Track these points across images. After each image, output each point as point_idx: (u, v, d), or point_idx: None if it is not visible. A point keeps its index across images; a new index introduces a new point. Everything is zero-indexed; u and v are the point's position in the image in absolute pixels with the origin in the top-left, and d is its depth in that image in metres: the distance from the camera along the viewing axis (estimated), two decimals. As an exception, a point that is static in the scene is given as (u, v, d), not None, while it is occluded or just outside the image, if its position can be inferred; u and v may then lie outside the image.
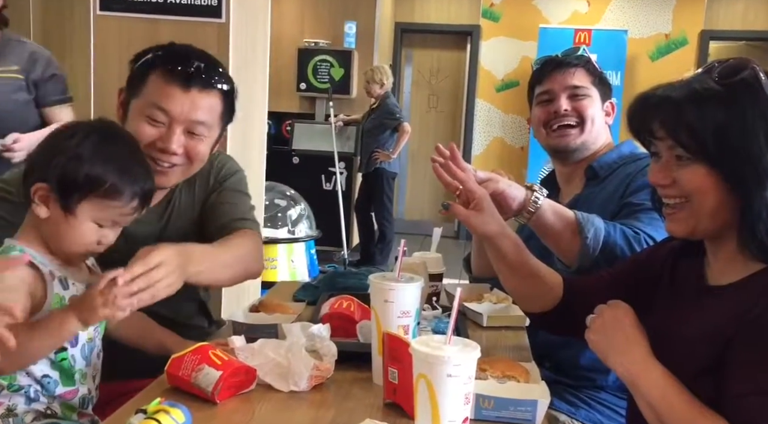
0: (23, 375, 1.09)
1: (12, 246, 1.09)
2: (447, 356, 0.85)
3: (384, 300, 1.10)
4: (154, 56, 1.30)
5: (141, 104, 1.29)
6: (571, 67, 1.54)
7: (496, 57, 6.79)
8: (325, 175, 5.64)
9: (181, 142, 1.28)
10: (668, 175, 0.98)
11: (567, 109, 1.52)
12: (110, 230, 1.11)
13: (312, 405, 1.04)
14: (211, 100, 1.30)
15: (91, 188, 1.05)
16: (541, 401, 1.00)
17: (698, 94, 0.94)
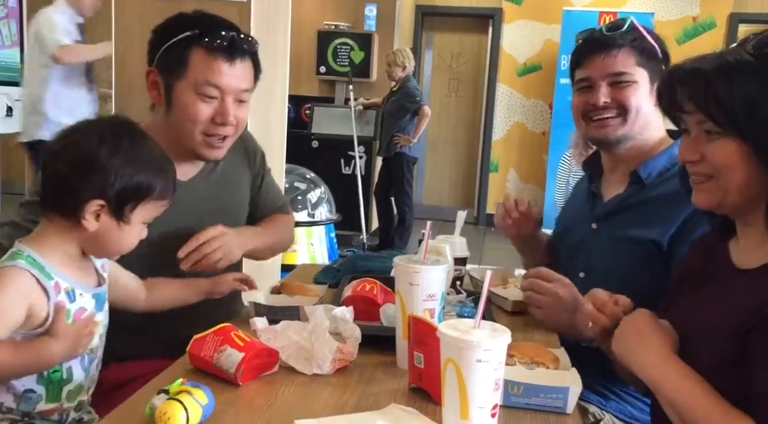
0: (4, 391, 1.04)
1: (19, 252, 1.04)
2: (477, 340, 0.82)
3: (409, 283, 1.07)
4: (190, 34, 1.32)
5: (190, 84, 1.33)
6: (614, 49, 1.36)
7: (518, 41, 6.69)
8: (344, 159, 5.61)
9: (234, 113, 1.37)
10: (697, 150, 0.95)
11: (607, 102, 1.37)
12: (145, 226, 1.13)
13: (336, 389, 1.02)
14: (248, 67, 1.38)
15: (146, 195, 1.08)
16: (572, 388, 0.97)
17: (730, 65, 0.91)
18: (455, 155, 7.23)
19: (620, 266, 1.35)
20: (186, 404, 0.84)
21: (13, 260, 1.02)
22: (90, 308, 1.09)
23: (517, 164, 6.90)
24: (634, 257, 1.33)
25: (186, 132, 1.35)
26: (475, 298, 1.45)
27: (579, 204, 1.55)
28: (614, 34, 1.37)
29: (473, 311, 1.36)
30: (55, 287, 1.04)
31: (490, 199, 6.95)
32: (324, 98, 6.10)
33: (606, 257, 1.39)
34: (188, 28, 1.33)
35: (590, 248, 1.44)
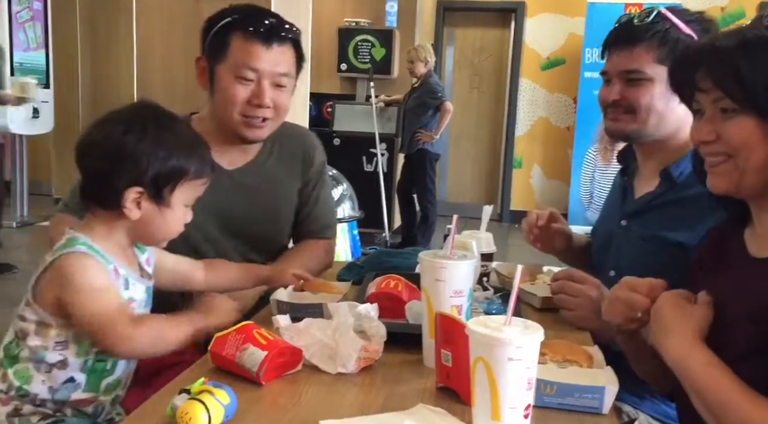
0: (40, 382, 1.06)
1: (75, 239, 1.06)
2: (508, 338, 0.78)
3: (435, 279, 1.03)
4: (231, 20, 1.42)
5: (229, 67, 1.41)
6: (632, 44, 1.29)
7: (542, 34, 6.60)
8: (366, 156, 5.59)
9: (271, 96, 1.41)
10: (712, 130, 0.92)
11: (616, 99, 1.32)
12: (190, 211, 1.14)
13: (361, 389, 0.99)
14: (288, 52, 1.44)
15: (182, 176, 1.08)
16: (608, 388, 0.92)
17: (749, 41, 0.88)
18: (478, 151, 7.17)
19: (650, 267, 1.27)
20: (208, 405, 0.82)
21: (72, 247, 1.05)
22: (140, 299, 1.12)
23: (541, 160, 6.82)
24: (663, 259, 1.27)
25: (226, 114, 1.43)
26: (502, 295, 1.41)
27: (611, 200, 1.50)
28: (641, 26, 1.30)
29: (501, 308, 1.33)
30: (114, 272, 1.07)
31: (513, 195, 6.87)
32: (345, 96, 6.08)
33: (635, 257, 1.33)
34: (232, 16, 1.42)
35: (620, 246, 1.38)
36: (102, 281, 1.04)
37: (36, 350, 1.05)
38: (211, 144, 1.42)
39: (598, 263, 1.44)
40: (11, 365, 1.07)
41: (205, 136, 1.41)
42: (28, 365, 1.06)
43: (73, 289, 1.02)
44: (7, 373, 1.07)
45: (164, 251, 1.22)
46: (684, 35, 1.28)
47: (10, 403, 1.07)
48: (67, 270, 1.03)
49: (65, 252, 1.04)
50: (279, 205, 1.56)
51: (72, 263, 1.03)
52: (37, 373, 1.06)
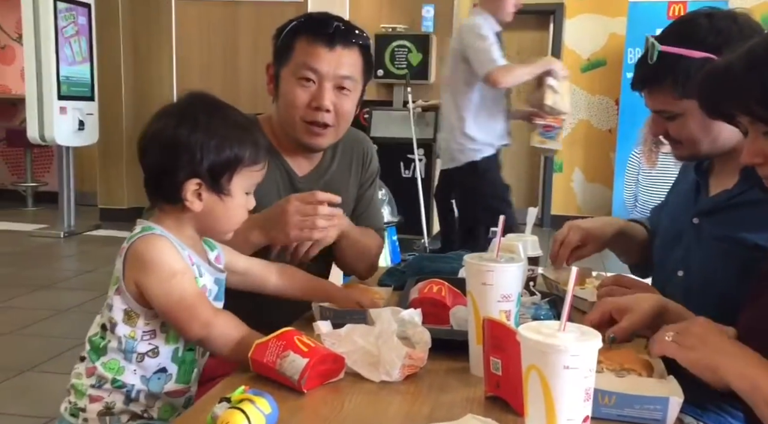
0: (132, 372, 1.07)
1: (151, 226, 1.08)
2: (563, 344, 0.73)
3: (482, 283, 0.99)
4: (297, 24, 1.41)
5: (291, 69, 1.39)
6: (650, 88, 1.22)
7: (582, 35, 6.48)
8: (404, 162, 5.55)
9: (332, 99, 1.38)
10: (759, 152, 0.87)
11: (660, 134, 1.26)
12: (251, 196, 1.14)
13: (406, 398, 0.95)
14: (354, 56, 1.40)
15: (238, 163, 1.08)
16: (673, 399, 0.86)
17: (758, 57, 0.83)
18: (518, 156, 7.06)
19: (723, 270, 1.20)
20: (248, 413, 0.79)
21: (149, 231, 1.07)
22: (210, 288, 1.12)
23: (583, 163, 6.68)
24: (738, 261, 1.17)
25: (288, 119, 1.41)
26: (550, 300, 1.35)
27: (682, 194, 1.39)
28: (645, 72, 1.21)
29: (549, 314, 1.27)
30: (188, 258, 1.08)
31: (554, 200, 6.75)
32: (382, 102, 6.06)
33: (707, 258, 1.24)
34: (299, 21, 1.41)
35: (690, 245, 1.28)
36: (180, 264, 1.05)
37: (125, 340, 1.06)
38: (281, 149, 1.47)
39: (661, 261, 1.36)
40: (98, 358, 1.08)
41: (274, 142, 1.45)
42: (116, 356, 1.07)
43: (151, 272, 1.03)
44: (95, 366, 1.08)
45: (237, 253, 1.24)
46: (697, 61, 1.15)
47: (101, 400, 1.07)
48: (144, 252, 1.05)
49: (141, 235, 1.06)
50: (343, 210, 1.51)
51: (150, 244, 1.05)
52: (129, 363, 1.07)
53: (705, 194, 1.30)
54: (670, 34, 1.22)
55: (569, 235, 1.45)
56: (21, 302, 3.81)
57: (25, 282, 4.27)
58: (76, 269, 4.82)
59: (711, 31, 1.17)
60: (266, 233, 1.30)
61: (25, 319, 3.46)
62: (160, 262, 1.04)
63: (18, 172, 7.32)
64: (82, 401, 1.08)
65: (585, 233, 1.44)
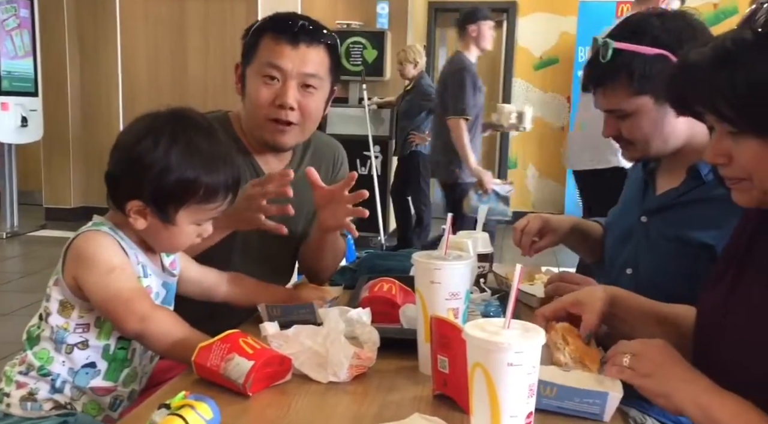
0: (60, 363, 1.05)
1: (102, 223, 1.06)
2: (507, 342, 0.74)
3: (430, 281, 0.99)
4: (261, 23, 1.40)
5: (255, 67, 1.38)
6: (603, 86, 1.22)
7: (534, 34, 6.58)
8: (360, 159, 5.54)
9: (296, 97, 1.36)
10: (723, 152, 0.85)
11: (611, 134, 1.26)
12: (207, 223, 1.10)
13: (354, 398, 0.94)
14: (319, 54, 1.38)
15: (188, 197, 1.03)
16: (612, 394, 0.88)
17: (729, 52, 0.79)
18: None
19: (671, 268, 1.21)
20: (188, 420, 0.77)
21: (96, 227, 1.05)
22: (156, 291, 1.10)
23: (536, 160, 6.78)
24: (685, 260, 1.19)
25: (253, 117, 1.39)
26: (500, 296, 1.36)
27: (632, 192, 1.41)
28: (599, 69, 1.20)
29: (499, 310, 1.28)
30: (135, 257, 1.06)
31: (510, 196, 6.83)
32: (338, 98, 6.01)
33: (655, 256, 1.25)
34: (265, 20, 1.40)
35: (639, 243, 1.30)
36: (119, 259, 1.03)
37: (57, 330, 1.05)
38: (251, 148, 1.45)
39: (611, 258, 1.37)
40: (31, 347, 1.07)
41: (243, 139, 1.44)
42: (48, 346, 1.05)
43: (88, 266, 1.01)
44: (27, 355, 1.07)
45: (191, 260, 1.21)
46: (652, 58, 1.16)
47: (26, 386, 1.05)
48: (83, 247, 1.03)
49: (86, 231, 1.04)
50: (304, 213, 1.49)
51: (89, 240, 1.03)
52: (58, 354, 1.05)
53: (652, 192, 1.32)
54: (622, 32, 1.21)
55: (529, 223, 1.46)
56: (-39, 306, 3.66)
57: (-35, 285, 4.10)
58: (19, 271, 4.64)
59: (663, 29, 1.17)
60: (230, 218, 1.25)
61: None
62: (98, 257, 1.02)
63: (-43, 170, 7.03)
64: (9, 387, 1.07)
65: (544, 223, 1.46)
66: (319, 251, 1.47)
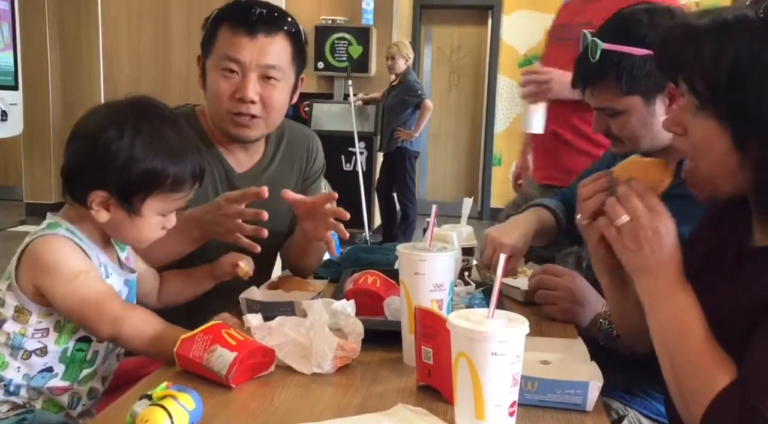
0: (15, 369, 1.01)
1: (57, 224, 1.01)
2: (491, 331, 0.74)
3: (414, 272, 0.98)
4: (218, 13, 1.34)
5: (214, 60, 1.32)
6: (592, 86, 1.22)
7: (519, 31, 6.60)
8: (345, 155, 5.53)
9: (256, 90, 1.30)
10: (681, 123, 0.85)
11: (599, 131, 1.27)
12: (171, 215, 1.07)
13: (337, 389, 0.93)
14: (279, 44, 1.32)
15: (154, 186, 1.00)
16: (593, 383, 0.88)
17: (725, 24, 0.78)
18: (457, 149, 7.15)
19: None
20: (170, 410, 0.76)
21: (52, 229, 1.00)
22: (120, 289, 1.07)
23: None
24: None
25: (215, 112, 1.35)
26: (484, 289, 1.36)
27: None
28: (588, 70, 1.21)
29: (483, 303, 1.28)
30: (95, 258, 1.03)
31: (493, 192, 6.86)
32: (323, 94, 6.01)
33: None
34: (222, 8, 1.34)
35: None
36: (82, 263, 1.00)
37: (13, 337, 1.01)
38: (218, 144, 1.40)
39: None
40: None
41: (210, 136, 1.39)
42: (3, 351, 1.02)
43: (51, 274, 0.98)
44: None
45: (140, 259, 1.17)
46: (640, 58, 1.16)
47: None
48: (42, 254, 0.98)
49: (42, 234, 1.00)
50: (282, 210, 1.45)
51: (48, 246, 0.99)
52: (13, 360, 1.02)
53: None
54: (611, 30, 1.20)
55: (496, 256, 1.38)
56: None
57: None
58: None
59: (651, 26, 1.16)
60: (205, 229, 1.24)
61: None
62: (60, 263, 0.98)
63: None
64: None
65: (510, 250, 1.37)
66: (303, 252, 1.45)
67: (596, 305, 1.23)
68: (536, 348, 1.02)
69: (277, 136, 1.49)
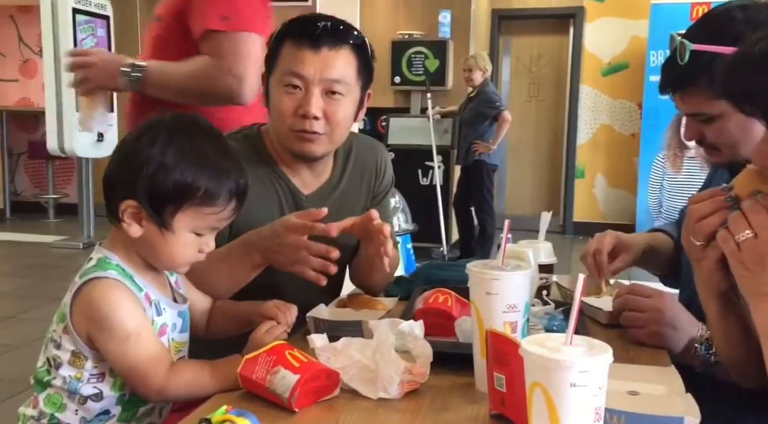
0: (72, 412, 1.00)
1: (108, 261, 0.99)
2: (569, 360, 0.67)
3: (486, 292, 0.92)
4: (282, 28, 1.31)
5: (278, 77, 1.29)
6: (682, 90, 1.14)
7: (602, 39, 6.37)
8: (422, 169, 5.49)
9: (320, 106, 1.26)
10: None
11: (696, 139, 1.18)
12: (210, 237, 1.02)
13: (405, 416, 0.88)
14: (344, 57, 1.28)
15: (186, 198, 0.96)
16: (688, 419, 0.79)
17: None
18: (537, 162, 6.96)
19: None
20: (228, 435, 0.73)
21: (104, 271, 0.97)
22: (172, 323, 1.04)
23: (605, 169, 6.55)
24: None
25: (279, 129, 1.31)
26: (564, 309, 1.27)
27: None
28: (677, 73, 1.12)
29: (563, 324, 1.19)
30: (146, 297, 1.00)
31: (576, 206, 6.62)
32: (399, 109, 6.02)
33: None
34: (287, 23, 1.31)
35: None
36: (135, 321, 0.96)
37: (69, 381, 0.99)
38: (283, 165, 1.36)
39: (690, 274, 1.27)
40: (42, 391, 1.02)
41: (275, 156, 1.35)
42: (61, 393, 1.01)
43: (103, 330, 0.95)
44: (38, 399, 1.02)
45: (191, 287, 1.13)
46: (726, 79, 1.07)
47: None
48: (97, 305, 0.95)
49: (95, 276, 0.97)
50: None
51: (101, 298, 0.96)
52: (71, 402, 1.00)
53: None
54: (701, 30, 1.12)
55: (600, 242, 1.34)
56: (38, 314, 3.81)
57: (43, 294, 4.28)
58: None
59: (747, 23, 1.07)
60: (267, 257, 1.19)
61: (40, 331, 3.46)
62: (113, 320, 0.95)
63: (40, 184, 7.41)
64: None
65: (617, 241, 1.32)
66: (366, 270, 1.40)
67: (691, 328, 1.12)
68: (623, 377, 0.93)
69: (345, 152, 1.44)
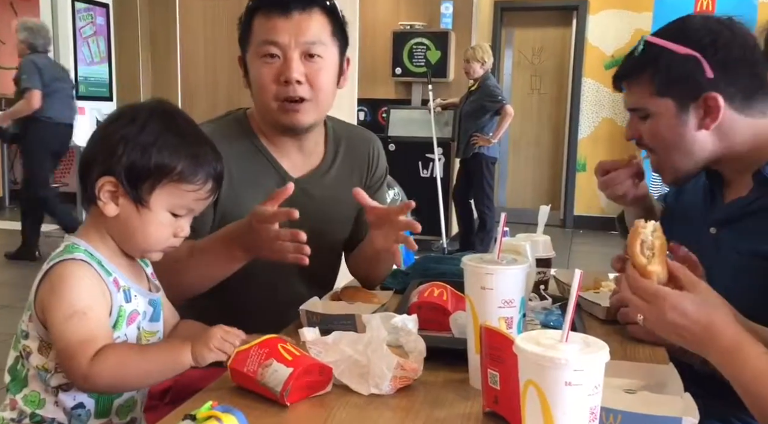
0: (52, 404, 0.97)
1: (76, 246, 0.97)
2: (564, 358, 0.65)
3: (481, 287, 0.90)
4: (249, 4, 1.30)
5: (253, 49, 1.28)
6: (629, 81, 1.17)
7: (606, 31, 6.32)
8: (422, 162, 5.47)
9: (301, 70, 1.25)
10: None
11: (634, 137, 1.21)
12: (185, 220, 1.01)
13: (396, 413, 0.86)
14: (316, 19, 1.27)
15: (164, 174, 0.96)
16: (687, 420, 0.77)
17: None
18: (539, 155, 6.93)
19: (744, 282, 1.08)
20: (214, 432, 0.72)
21: (71, 254, 0.95)
22: (143, 311, 1.02)
23: (607, 162, 6.51)
24: (760, 274, 1.07)
25: (262, 104, 1.29)
26: (562, 304, 1.26)
27: (696, 201, 1.28)
28: (628, 63, 1.17)
29: (561, 320, 1.18)
30: (114, 282, 0.98)
31: (577, 200, 6.59)
32: (400, 100, 5.98)
33: (727, 270, 1.12)
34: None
35: (711, 257, 1.13)
36: (85, 301, 0.93)
37: (38, 371, 0.97)
38: (271, 147, 1.34)
39: None
40: (19, 390, 0.98)
41: (263, 139, 1.33)
42: (37, 387, 0.98)
43: (53, 304, 0.92)
44: (15, 399, 0.98)
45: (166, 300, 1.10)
46: (681, 57, 1.09)
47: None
48: (53, 281, 0.93)
49: (62, 259, 0.95)
50: (344, 215, 1.41)
51: (62, 272, 0.93)
52: (48, 395, 0.97)
53: (721, 200, 1.20)
54: (664, 29, 1.16)
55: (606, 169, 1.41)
56: (36, 303, 3.81)
57: (41, 282, 4.27)
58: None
59: (702, 30, 1.11)
60: (250, 251, 1.17)
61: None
62: (62, 295, 0.92)
63: (40, 173, 7.38)
64: None
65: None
66: (371, 262, 1.38)
67: None
68: (620, 374, 0.92)
69: (336, 140, 1.42)
